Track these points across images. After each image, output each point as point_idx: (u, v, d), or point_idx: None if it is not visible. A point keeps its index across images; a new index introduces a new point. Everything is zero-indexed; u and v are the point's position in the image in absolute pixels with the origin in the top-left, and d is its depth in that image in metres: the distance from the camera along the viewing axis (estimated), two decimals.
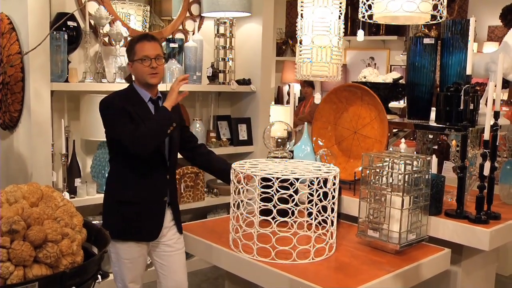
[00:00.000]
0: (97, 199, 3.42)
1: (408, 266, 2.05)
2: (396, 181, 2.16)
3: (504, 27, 5.04)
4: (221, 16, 4.06)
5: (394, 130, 3.07)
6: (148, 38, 2.41)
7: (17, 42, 3.09)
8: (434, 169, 2.48)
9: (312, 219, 2.03)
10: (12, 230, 1.42)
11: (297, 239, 1.99)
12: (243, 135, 4.30)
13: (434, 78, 2.81)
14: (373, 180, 2.23)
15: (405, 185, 2.11)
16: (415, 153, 3.20)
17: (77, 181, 3.43)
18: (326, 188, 2.00)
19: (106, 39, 3.62)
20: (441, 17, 2.48)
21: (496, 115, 2.37)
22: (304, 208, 2.06)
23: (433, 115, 2.75)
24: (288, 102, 7.27)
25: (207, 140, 4.18)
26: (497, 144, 2.42)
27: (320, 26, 2.69)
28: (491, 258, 2.67)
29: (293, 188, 1.96)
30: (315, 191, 1.97)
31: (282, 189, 1.94)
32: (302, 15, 2.76)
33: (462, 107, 2.43)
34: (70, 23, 3.32)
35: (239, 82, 4.21)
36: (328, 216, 2.05)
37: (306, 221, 2.04)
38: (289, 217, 2.03)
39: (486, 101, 2.34)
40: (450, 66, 2.74)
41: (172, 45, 3.85)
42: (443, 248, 2.25)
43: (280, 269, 1.94)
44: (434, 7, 2.44)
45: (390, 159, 2.18)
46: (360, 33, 2.99)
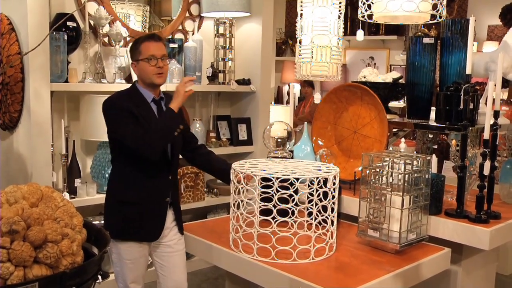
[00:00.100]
0: (97, 199, 3.43)
1: (408, 266, 2.05)
2: (396, 180, 2.16)
3: (504, 27, 5.04)
4: (220, 16, 4.06)
5: (394, 130, 3.07)
6: (154, 38, 2.41)
7: (17, 43, 3.09)
8: (434, 169, 2.48)
9: (312, 219, 2.03)
10: (12, 231, 1.42)
11: (297, 239, 1.99)
12: (243, 135, 4.30)
13: (434, 78, 2.81)
14: (373, 180, 2.23)
15: (405, 184, 2.11)
16: (415, 152, 3.20)
17: (77, 182, 3.43)
18: (326, 188, 2.00)
19: (106, 39, 3.62)
20: (440, 17, 2.48)
21: (496, 114, 2.37)
22: (304, 208, 2.06)
23: (433, 115, 2.75)
24: (288, 102, 7.26)
25: (207, 140, 4.18)
26: (497, 143, 2.42)
27: (319, 26, 2.69)
28: (491, 258, 2.67)
29: (293, 188, 1.96)
30: (315, 191, 1.97)
31: (282, 189, 1.94)
32: (301, 15, 2.76)
33: (462, 107, 2.43)
34: (69, 23, 3.32)
35: (238, 82, 4.20)
36: (328, 216, 2.05)
37: (306, 221, 2.04)
38: (289, 217, 2.03)
39: (486, 100, 2.34)
40: (450, 66, 2.74)
41: (171, 45, 3.86)
42: (443, 247, 2.25)
43: (280, 269, 1.94)
44: (434, 7, 2.44)
45: (390, 159, 2.18)
46: (360, 33, 2.99)
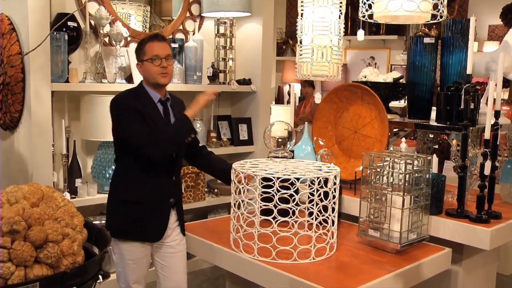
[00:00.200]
0: (97, 199, 3.43)
1: (409, 266, 2.05)
2: (397, 180, 2.16)
3: (505, 26, 5.04)
4: (221, 16, 4.06)
5: (395, 130, 3.07)
6: (158, 38, 2.41)
7: (18, 43, 3.09)
8: (434, 169, 2.48)
9: (312, 218, 2.03)
10: (13, 231, 1.42)
11: (298, 239, 1.99)
12: (243, 135, 4.30)
13: (435, 78, 2.81)
14: (374, 180, 2.23)
15: (406, 184, 2.11)
16: (415, 152, 3.20)
17: (78, 182, 3.43)
18: (326, 187, 2.00)
19: (106, 39, 3.62)
20: (441, 17, 2.48)
21: (497, 114, 2.37)
22: (304, 208, 2.06)
23: (433, 115, 2.75)
24: (288, 102, 7.26)
25: (207, 140, 4.18)
26: (498, 143, 2.42)
27: (320, 26, 2.69)
28: (491, 258, 2.67)
29: (294, 188, 1.96)
30: (316, 190, 1.97)
31: (282, 189, 1.94)
32: (302, 14, 2.76)
33: (462, 107, 2.43)
34: (70, 23, 3.32)
35: (239, 82, 4.20)
36: (329, 215, 2.05)
37: (306, 221, 2.04)
38: (289, 217, 2.03)
39: (487, 100, 2.34)
40: (451, 66, 2.74)
41: (172, 45, 3.84)
42: (443, 247, 2.25)
43: (281, 269, 1.94)
44: (434, 7, 2.44)
45: (390, 159, 2.18)
46: (360, 33, 2.98)
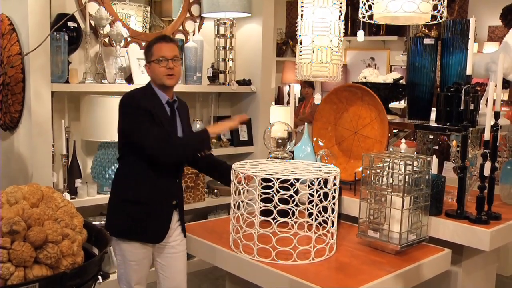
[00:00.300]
0: (97, 199, 3.43)
1: (409, 267, 2.05)
2: (397, 181, 2.16)
3: (504, 27, 5.05)
4: (221, 17, 4.06)
5: (395, 131, 3.07)
6: (166, 39, 2.41)
7: (18, 43, 3.09)
8: (434, 170, 2.48)
9: (312, 219, 2.03)
10: (12, 231, 1.42)
11: (298, 239, 1.99)
12: (243, 135, 4.30)
13: (435, 78, 2.81)
14: (374, 181, 2.23)
15: (406, 185, 2.11)
16: (415, 153, 3.20)
17: (78, 182, 3.43)
18: (326, 188, 2.00)
19: (107, 39, 3.62)
20: (441, 17, 2.48)
21: (497, 115, 2.37)
22: (304, 209, 2.06)
23: (433, 116, 2.75)
24: (288, 103, 7.26)
25: None
26: (498, 144, 2.42)
27: (320, 27, 2.69)
28: (491, 259, 2.67)
29: (294, 189, 1.96)
30: (316, 191, 1.97)
31: (282, 190, 1.94)
32: (302, 15, 2.77)
33: (462, 107, 2.43)
34: (70, 23, 3.32)
35: (239, 82, 4.21)
36: (329, 216, 2.05)
37: (306, 221, 2.04)
38: (289, 218, 2.03)
39: (487, 101, 2.34)
40: (451, 66, 2.74)
41: None
42: (443, 248, 2.25)
43: (281, 270, 1.94)
44: (434, 7, 2.44)
45: (390, 160, 2.18)
46: (360, 34, 2.98)
